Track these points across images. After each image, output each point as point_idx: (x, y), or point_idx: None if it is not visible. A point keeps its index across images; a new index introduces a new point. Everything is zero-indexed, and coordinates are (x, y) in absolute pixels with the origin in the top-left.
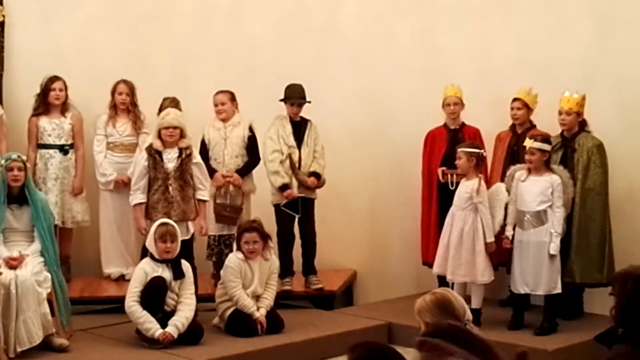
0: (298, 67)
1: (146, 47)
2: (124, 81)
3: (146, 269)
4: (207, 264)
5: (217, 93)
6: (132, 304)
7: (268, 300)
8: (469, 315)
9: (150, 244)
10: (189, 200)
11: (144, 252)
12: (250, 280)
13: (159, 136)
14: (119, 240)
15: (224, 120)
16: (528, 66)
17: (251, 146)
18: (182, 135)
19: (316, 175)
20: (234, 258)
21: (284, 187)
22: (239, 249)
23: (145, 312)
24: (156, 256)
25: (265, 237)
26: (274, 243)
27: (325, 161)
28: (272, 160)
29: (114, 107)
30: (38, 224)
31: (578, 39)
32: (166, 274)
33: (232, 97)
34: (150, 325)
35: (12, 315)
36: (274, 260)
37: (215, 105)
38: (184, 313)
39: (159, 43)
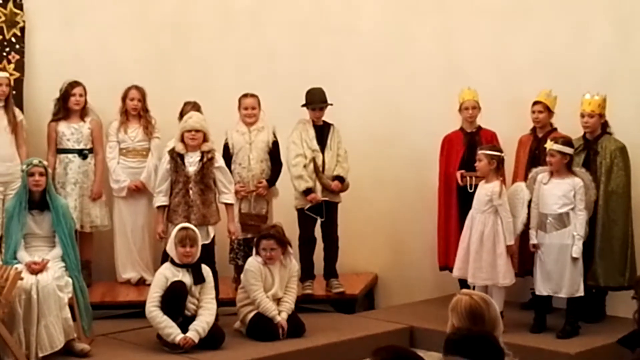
0: (317, 70)
1: (166, 51)
2: (136, 87)
3: (166, 274)
4: (229, 268)
5: (247, 97)
6: (153, 309)
7: (289, 303)
8: (499, 331)
9: (170, 248)
10: (210, 204)
11: (165, 257)
12: (271, 284)
13: (182, 139)
14: (132, 247)
15: (249, 125)
16: (547, 68)
17: (275, 151)
18: (205, 139)
19: (340, 179)
20: (253, 262)
21: (308, 192)
22: (257, 254)
23: (165, 317)
24: (176, 260)
25: (283, 243)
26: (295, 246)
27: (349, 164)
28: (295, 164)
29: (125, 112)
30: (59, 229)
31: (598, 41)
32: (186, 278)
33: (259, 101)
34: (171, 330)
35: (34, 320)
36: (294, 264)
37: (245, 109)
38: (205, 317)
39: (179, 48)
